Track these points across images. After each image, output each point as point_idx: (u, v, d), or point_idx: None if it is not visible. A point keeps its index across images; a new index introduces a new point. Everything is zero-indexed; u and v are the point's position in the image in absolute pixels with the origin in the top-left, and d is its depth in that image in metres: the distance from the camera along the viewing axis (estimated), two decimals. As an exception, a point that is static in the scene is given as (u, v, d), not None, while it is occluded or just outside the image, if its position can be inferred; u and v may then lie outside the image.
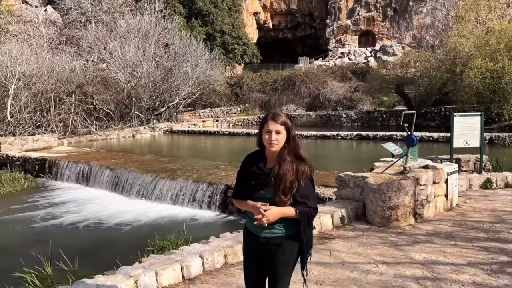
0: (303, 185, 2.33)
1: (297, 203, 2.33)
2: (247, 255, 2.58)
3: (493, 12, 25.19)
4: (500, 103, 19.07)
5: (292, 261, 2.44)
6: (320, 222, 5.00)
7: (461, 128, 8.07)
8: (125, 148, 18.32)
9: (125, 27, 27.17)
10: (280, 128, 2.39)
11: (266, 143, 2.42)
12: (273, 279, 2.46)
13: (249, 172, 2.50)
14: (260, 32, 52.56)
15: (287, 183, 2.31)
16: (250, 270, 2.55)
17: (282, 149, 2.40)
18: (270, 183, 2.34)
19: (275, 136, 2.37)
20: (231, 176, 10.32)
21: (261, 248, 2.42)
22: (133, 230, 8.59)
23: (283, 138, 2.40)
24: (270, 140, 2.38)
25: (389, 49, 44.93)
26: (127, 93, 24.16)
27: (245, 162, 2.60)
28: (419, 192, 5.28)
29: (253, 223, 2.38)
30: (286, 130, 2.42)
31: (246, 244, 2.58)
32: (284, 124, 2.41)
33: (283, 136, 2.40)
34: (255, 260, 2.49)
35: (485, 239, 4.52)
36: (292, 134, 2.44)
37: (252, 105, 33.62)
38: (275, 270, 2.43)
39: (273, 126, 2.39)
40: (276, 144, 2.38)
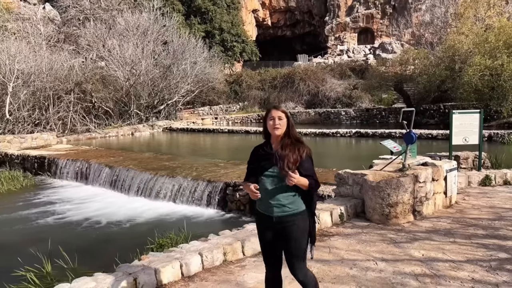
0: (303, 160, 2.74)
1: (304, 176, 2.69)
2: (262, 235, 2.89)
3: (492, 9, 25.17)
4: (499, 100, 19.07)
5: (304, 236, 2.78)
6: (319, 219, 5.00)
7: (460, 126, 8.07)
8: (124, 146, 18.29)
9: (123, 25, 27.11)
10: (281, 114, 2.81)
11: (270, 128, 2.83)
12: (289, 254, 2.79)
13: (257, 156, 2.92)
14: (259, 29, 52.49)
15: (290, 159, 2.71)
16: (267, 248, 2.88)
17: (284, 134, 2.81)
18: (276, 162, 2.74)
19: (278, 121, 2.79)
20: (230, 174, 10.32)
21: (275, 227, 2.77)
22: (133, 228, 8.59)
23: (284, 123, 2.80)
24: (274, 125, 2.79)
25: (388, 47, 44.91)
26: (126, 91, 24.12)
27: (254, 150, 3.01)
28: (418, 189, 5.28)
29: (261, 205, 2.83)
30: (286, 117, 2.83)
31: (260, 225, 2.91)
32: (284, 112, 2.85)
33: (284, 121, 2.81)
34: (271, 238, 2.82)
35: (484, 236, 4.52)
36: (291, 122, 2.87)
37: (251, 103, 33.59)
38: (290, 245, 2.77)
39: (276, 113, 2.83)
40: (279, 127, 2.79)
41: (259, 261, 4.06)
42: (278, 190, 2.73)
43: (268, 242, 2.85)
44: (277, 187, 2.74)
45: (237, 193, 9.28)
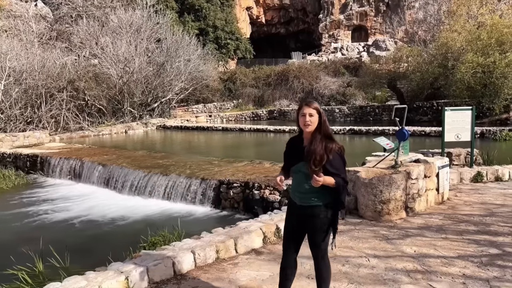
0: (331, 158, 2.76)
1: (331, 174, 2.75)
2: (288, 221, 3.07)
3: (485, 7, 25.29)
4: (491, 97, 19.20)
5: (325, 226, 2.88)
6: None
7: (453, 122, 8.11)
8: (118, 144, 18.22)
9: (116, 22, 26.95)
10: (312, 111, 2.83)
11: (301, 124, 2.88)
12: (311, 243, 2.96)
13: (290, 148, 3.03)
14: (253, 27, 52.40)
15: (317, 156, 2.74)
16: (290, 233, 3.04)
17: (315, 130, 2.83)
18: (304, 158, 2.80)
19: (309, 118, 2.82)
20: (224, 171, 10.31)
21: (300, 215, 2.93)
22: (126, 226, 8.56)
23: (315, 120, 2.83)
24: (304, 121, 2.83)
25: (381, 44, 44.99)
26: (119, 88, 24.01)
27: (288, 142, 3.11)
28: (411, 186, 5.30)
29: (292, 192, 2.98)
30: (318, 114, 2.84)
31: (288, 210, 3.10)
32: (316, 108, 2.85)
33: (315, 118, 2.83)
34: (295, 225, 2.99)
35: (475, 232, 4.55)
36: (323, 118, 2.86)
37: (245, 101, 33.56)
38: (312, 235, 2.93)
39: (307, 110, 2.84)
40: (310, 124, 2.82)
41: (252, 259, 4.07)
42: (305, 183, 2.82)
43: (291, 228, 3.00)
44: (305, 180, 2.82)
45: (231, 191, 9.27)
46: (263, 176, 9.51)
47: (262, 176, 9.51)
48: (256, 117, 30.15)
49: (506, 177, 7.35)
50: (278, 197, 8.63)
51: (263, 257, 4.06)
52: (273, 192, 8.76)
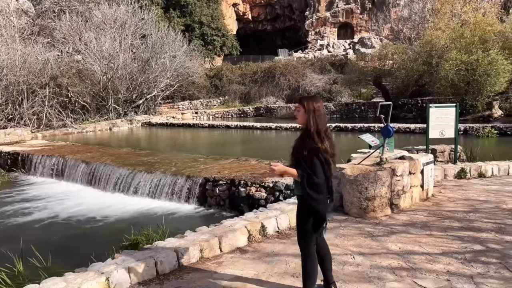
0: (305, 153, 2.87)
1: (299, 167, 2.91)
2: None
3: (468, 5, 25.59)
4: (474, 94, 19.44)
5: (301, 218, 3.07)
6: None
7: (437, 119, 8.17)
8: (102, 141, 18.00)
9: (100, 18, 26.52)
10: (299, 106, 3.01)
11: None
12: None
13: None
14: (240, 23, 52.19)
15: (294, 150, 2.98)
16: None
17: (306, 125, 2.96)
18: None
19: (296, 112, 3.03)
20: (210, 169, 10.24)
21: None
22: (109, 225, 8.43)
23: (301, 115, 2.98)
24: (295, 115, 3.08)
25: (367, 42, 45.26)
26: (103, 85, 23.67)
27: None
28: (396, 183, 5.31)
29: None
30: (303, 108, 2.97)
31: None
32: (300, 103, 3.01)
33: (301, 113, 2.98)
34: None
35: (459, 228, 4.57)
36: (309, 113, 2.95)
37: (232, 97, 33.42)
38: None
39: (295, 105, 3.09)
40: (297, 118, 3.03)
41: (237, 257, 4.01)
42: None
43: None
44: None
45: (217, 188, 9.21)
46: (249, 174, 9.47)
47: (248, 174, 9.47)
48: (243, 114, 30.07)
49: (489, 173, 7.43)
50: (264, 194, 8.60)
51: (248, 256, 4.01)
52: (259, 190, 8.73)
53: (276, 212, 4.84)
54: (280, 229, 4.68)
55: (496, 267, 3.54)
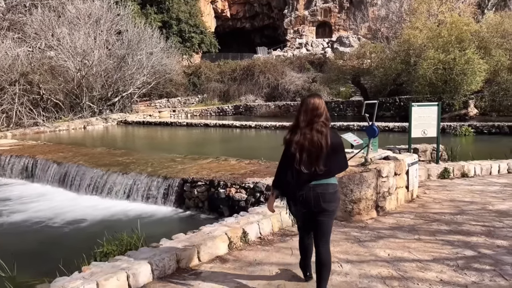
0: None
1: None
2: None
3: (444, 5, 25.89)
4: (451, 93, 19.64)
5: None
6: (281, 218, 4.72)
7: (419, 118, 8.06)
8: (76, 140, 17.45)
9: (74, 13, 25.70)
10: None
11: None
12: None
13: None
14: (218, 21, 51.72)
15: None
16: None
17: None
18: None
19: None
20: (188, 169, 9.90)
21: None
22: (81, 229, 8.01)
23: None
24: None
25: (345, 40, 45.51)
26: (77, 82, 22.94)
27: None
28: (381, 185, 5.12)
29: None
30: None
31: None
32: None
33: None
34: None
35: (448, 232, 4.40)
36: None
37: (210, 95, 33.00)
38: None
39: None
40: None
41: (217, 267, 3.74)
42: None
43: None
44: None
45: (195, 190, 8.89)
46: (229, 174, 9.18)
47: (228, 174, 9.18)
48: (222, 112, 29.72)
49: (472, 173, 7.36)
50: (245, 195, 8.32)
51: (228, 266, 3.73)
52: (239, 191, 8.45)
53: (258, 217, 4.58)
54: (263, 235, 4.42)
55: (491, 275, 3.37)
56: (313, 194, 2.95)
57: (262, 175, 8.96)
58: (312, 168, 2.93)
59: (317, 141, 2.94)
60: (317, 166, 2.92)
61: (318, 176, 2.95)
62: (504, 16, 21.85)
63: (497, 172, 7.46)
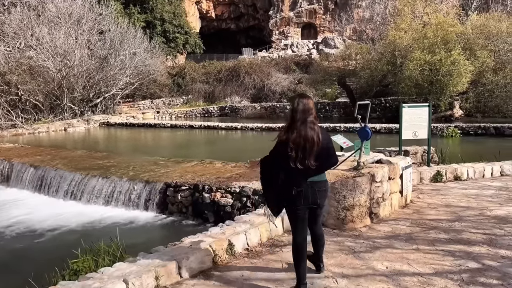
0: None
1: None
2: None
3: (429, 7, 25.94)
4: (437, 94, 19.60)
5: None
6: (270, 227, 4.40)
7: (410, 120, 7.84)
8: (56, 143, 16.91)
9: (54, 12, 24.97)
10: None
11: None
12: None
13: None
14: (203, 21, 51.24)
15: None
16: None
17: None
18: None
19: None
20: (171, 173, 9.55)
21: None
22: (57, 238, 7.58)
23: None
24: None
25: (330, 42, 45.49)
26: (57, 83, 22.30)
27: None
28: (375, 190, 4.84)
29: None
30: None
31: None
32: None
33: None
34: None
35: (447, 241, 4.13)
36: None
37: (195, 96, 32.55)
38: None
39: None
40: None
41: (199, 284, 3.39)
42: None
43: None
44: None
45: (179, 194, 8.53)
46: (214, 178, 8.85)
47: (213, 178, 8.85)
48: (207, 114, 29.31)
49: (465, 176, 7.15)
50: (231, 200, 8.00)
51: (213, 283, 3.39)
52: (225, 195, 8.12)
53: (245, 226, 4.24)
54: (250, 246, 4.09)
55: (499, 291, 3.11)
56: (311, 191, 3.13)
57: (249, 178, 8.65)
58: (306, 164, 3.05)
59: (311, 137, 3.06)
60: (310, 161, 3.05)
61: (311, 171, 3.08)
62: (489, 18, 21.95)
63: (490, 174, 7.27)
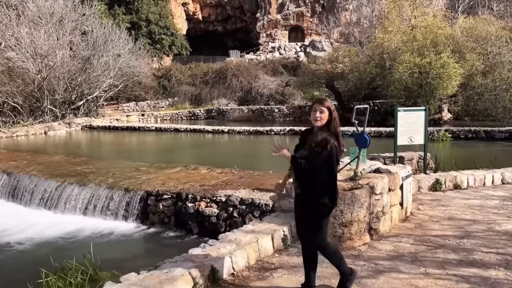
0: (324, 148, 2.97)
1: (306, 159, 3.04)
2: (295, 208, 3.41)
3: (416, 10, 25.79)
4: (426, 97, 19.36)
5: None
6: (258, 247, 3.91)
7: (405, 124, 7.45)
8: (35, 147, 16.23)
9: (35, 11, 24.16)
10: (323, 109, 3.07)
11: (312, 118, 3.12)
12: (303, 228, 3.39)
13: (301, 138, 3.27)
14: (190, 23, 50.61)
15: (312, 143, 3.01)
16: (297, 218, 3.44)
17: (324, 125, 3.06)
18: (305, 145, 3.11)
19: (319, 114, 3.06)
20: (152, 180, 9.00)
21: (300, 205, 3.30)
22: (27, 252, 6.98)
23: (325, 117, 3.06)
24: (314, 116, 3.08)
25: (318, 45, 45.24)
26: (38, 84, 21.55)
27: (300, 133, 3.35)
28: (375, 203, 4.38)
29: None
30: (329, 112, 3.07)
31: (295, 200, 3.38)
32: (327, 107, 3.08)
33: (325, 115, 3.06)
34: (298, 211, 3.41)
35: (458, 263, 3.68)
36: (334, 116, 3.08)
37: (181, 99, 31.93)
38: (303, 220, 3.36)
39: (318, 107, 3.09)
40: (319, 120, 3.06)
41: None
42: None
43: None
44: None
45: (160, 204, 7.99)
46: (198, 185, 8.34)
47: (197, 185, 8.34)
48: (193, 117, 28.73)
49: (465, 184, 6.75)
50: (216, 210, 7.49)
51: (192, 319, 2.89)
52: (209, 205, 7.60)
53: (230, 247, 3.74)
54: (236, 270, 3.58)
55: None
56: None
57: (235, 186, 8.16)
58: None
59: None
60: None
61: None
62: (478, 21, 21.86)
63: (491, 183, 6.89)
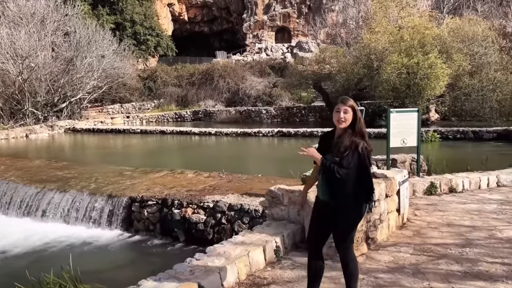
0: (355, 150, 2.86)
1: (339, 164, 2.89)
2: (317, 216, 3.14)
3: (403, 11, 25.80)
4: (414, 98, 19.30)
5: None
6: (249, 261, 3.63)
7: (398, 126, 7.25)
8: (15, 151, 15.73)
9: (15, 11, 23.53)
10: (347, 109, 2.96)
11: (335, 120, 3.00)
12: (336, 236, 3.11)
13: (320, 144, 3.16)
14: (175, 24, 50.10)
15: (341, 148, 2.90)
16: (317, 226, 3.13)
17: (348, 127, 2.94)
18: (331, 148, 2.97)
19: (343, 115, 2.95)
20: (137, 185, 8.66)
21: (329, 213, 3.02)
22: (3, 264, 6.58)
23: (350, 117, 2.95)
24: (338, 117, 2.96)
25: (304, 46, 45.15)
26: (18, 86, 20.96)
27: (321, 137, 3.26)
28: (372, 211, 4.14)
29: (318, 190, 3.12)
30: (353, 111, 2.97)
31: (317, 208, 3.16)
32: (351, 106, 2.98)
33: (350, 115, 2.95)
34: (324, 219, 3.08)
35: (463, 275, 3.45)
36: (358, 116, 2.99)
37: (167, 101, 31.48)
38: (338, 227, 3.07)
39: (342, 107, 2.97)
40: (343, 121, 2.94)
41: None
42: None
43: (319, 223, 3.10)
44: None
45: (145, 210, 7.66)
46: (185, 190, 8.03)
47: (184, 190, 8.03)
48: (180, 118, 28.33)
49: (460, 187, 6.56)
50: (203, 216, 7.19)
51: None
52: (197, 211, 7.30)
53: (219, 262, 3.45)
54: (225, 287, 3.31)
55: None
56: None
57: (224, 191, 7.86)
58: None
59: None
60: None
61: None
62: (464, 21, 21.93)
63: (487, 185, 6.72)
